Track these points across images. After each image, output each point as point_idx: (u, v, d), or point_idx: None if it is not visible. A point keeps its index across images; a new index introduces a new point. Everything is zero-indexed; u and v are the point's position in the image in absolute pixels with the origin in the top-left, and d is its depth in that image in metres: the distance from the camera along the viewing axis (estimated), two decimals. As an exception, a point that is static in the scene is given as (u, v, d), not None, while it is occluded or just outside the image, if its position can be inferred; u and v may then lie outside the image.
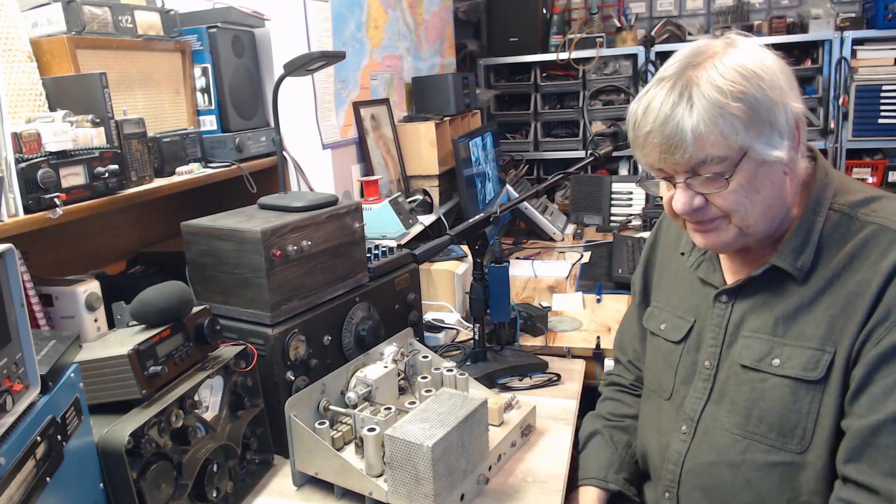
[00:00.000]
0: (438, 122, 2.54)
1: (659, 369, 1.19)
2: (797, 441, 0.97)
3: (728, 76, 0.92)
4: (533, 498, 1.14)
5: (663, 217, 1.28)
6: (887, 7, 3.03)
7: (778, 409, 0.98)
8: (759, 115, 0.92)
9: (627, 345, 1.37)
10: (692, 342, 1.13)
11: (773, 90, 0.93)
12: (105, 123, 1.30)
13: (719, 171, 0.95)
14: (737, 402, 1.03)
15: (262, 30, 1.87)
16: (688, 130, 0.93)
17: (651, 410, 1.20)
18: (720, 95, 0.91)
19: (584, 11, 3.77)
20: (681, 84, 0.94)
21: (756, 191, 0.96)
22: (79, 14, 1.34)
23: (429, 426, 1.04)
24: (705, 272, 1.13)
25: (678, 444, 1.09)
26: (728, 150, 0.93)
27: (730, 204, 0.98)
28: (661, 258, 1.27)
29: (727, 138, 0.93)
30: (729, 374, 1.05)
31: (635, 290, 1.33)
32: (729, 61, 0.94)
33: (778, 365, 0.99)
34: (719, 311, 1.09)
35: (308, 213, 1.32)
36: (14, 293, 0.76)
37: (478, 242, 1.52)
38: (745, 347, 1.03)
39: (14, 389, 0.75)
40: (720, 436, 1.04)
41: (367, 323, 1.42)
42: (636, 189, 3.09)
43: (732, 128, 0.92)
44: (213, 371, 1.11)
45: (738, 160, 0.94)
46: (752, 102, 0.92)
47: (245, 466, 1.19)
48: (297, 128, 1.94)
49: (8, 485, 0.72)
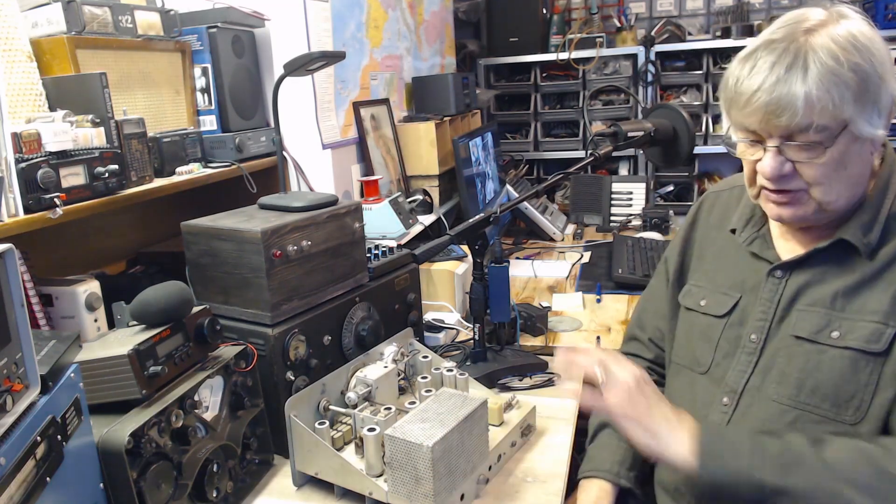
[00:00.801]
0: (438, 122, 2.54)
1: (695, 344, 1.18)
2: (852, 412, 0.98)
3: (844, 46, 0.93)
4: (533, 498, 1.14)
5: (704, 198, 1.30)
6: (887, 7, 3.03)
7: (835, 380, 0.99)
8: (868, 90, 0.94)
9: (648, 322, 1.36)
10: (736, 317, 1.13)
11: (883, 67, 0.94)
12: (105, 123, 1.30)
13: (817, 140, 0.95)
14: (788, 373, 1.03)
15: (262, 30, 1.87)
16: (800, 95, 0.92)
17: (682, 385, 1.19)
18: (836, 64, 0.92)
19: (584, 11, 3.77)
20: (794, 47, 0.94)
21: (844, 166, 0.97)
22: (79, 14, 1.34)
23: (429, 426, 1.04)
24: (759, 248, 1.14)
25: (718, 415, 1.09)
26: (832, 120, 0.94)
27: (818, 175, 0.98)
28: (702, 238, 1.26)
29: (836, 108, 0.92)
30: (779, 347, 1.06)
31: (669, 269, 1.31)
32: (843, 31, 0.94)
33: (837, 337, 1.00)
34: (772, 286, 1.09)
35: (308, 213, 1.32)
36: (14, 293, 0.76)
37: (478, 242, 1.52)
38: (801, 320, 1.04)
39: (14, 389, 0.75)
40: (766, 406, 1.04)
41: (367, 323, 1.42)
42: (636, 189, 3.09)
43: (843, 98, 0.92)
44: (213, 371, 1.11)
45: (839, 132, 0.94)
46: (863, 75, 0.93)
47: (245, 466, 1.19)
48: (297, 128, 1.94)
49: (8, 485, 0.72)
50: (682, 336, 1.23)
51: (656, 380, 1.31)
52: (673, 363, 1.24)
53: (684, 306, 1.23)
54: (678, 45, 3.36)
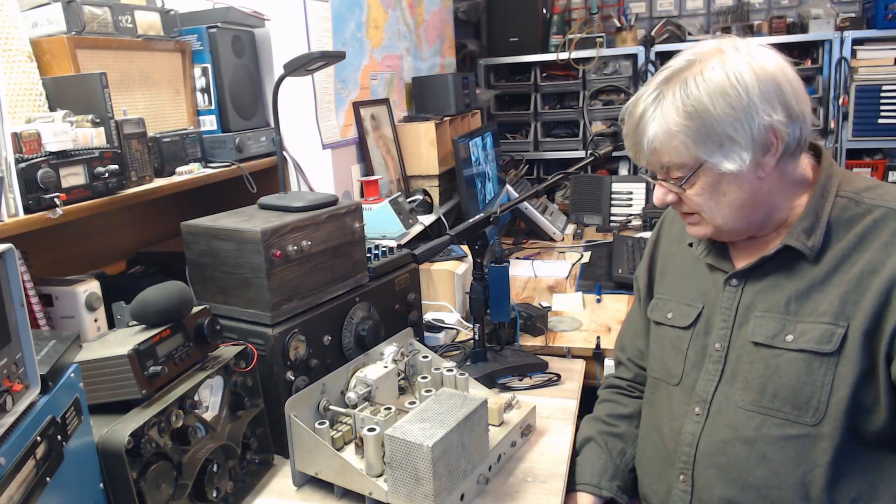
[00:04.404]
0: (438, 122, 2.54)
1: (666, 357, 1.20)
2: (812, 413, 0.99)
3: (692, 94, 1.00)
4: (533, 498, 1.14)
5: (665, 215, 1.34)
6: (887, 7, 3.03)
7: (792, 383, 1.01)
8: (714, 132, 0.99)
9: (628, 343, 1.39)
10: (701, 327, 1.15)
11: (738, 107, 0.98)
12: (105, 123, 1.30)
13: (680, 176, 1.05)
14: (750, 379, 1.06)
15: (262, 30, 1.87)
16: (644, 145, 1.05)
17: (660, 399, 1.21)
18: (675, 114, 1.00)
19: (584, 11, 3.77)
20: (657, 94, 1.03)
21: (722, 194, 1.05)
22: (79, 14, 1.34)
23: (429, 426, 1.04)
24: (714, 259, 1.17)
25: (692, 425, 1.11)
26: (686, 159, 1.02)
27: (694, 205, 1.08)
28: (664, 253, 1.30)
29: (680, 152, 1.02)
30: (741, 354, 1.08)
31: (639, 287, 1.35)
32: (701, 77, 1.00)
33: (791, 340, 1.02)
34: (729, 295, 1.12)
35: (308, 213, 1.32)
36: (14, 293, 0.76)
37: (478, 242, 1.52)
38: (758, 326, 1.06)
39: (14, 389, 0.75)
40: (734, 413, 1.06)
41: (367, 323, 1.42)
42: (636, 189, 3.09)
43: (683, 144, 1.01)
44: (213, 371, 1.11)
45: (696, 168, 1.03)
46: (705, 120, 0.99)
47: (245, 466, 1.19)
48: (297, 128, 1.94)
49: (8, 485, 0.72)
50: (655, 350, 1.26)
51: (637, 396, 1.36)
52: (650, 377, 1.26)
53: (653, 320, 1.26)
54: (678, 45, 3.36)
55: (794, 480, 0.99)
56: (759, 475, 1.02)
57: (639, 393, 1.35)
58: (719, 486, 1.06)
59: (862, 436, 0.98)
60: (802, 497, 0.99)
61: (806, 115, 1.02)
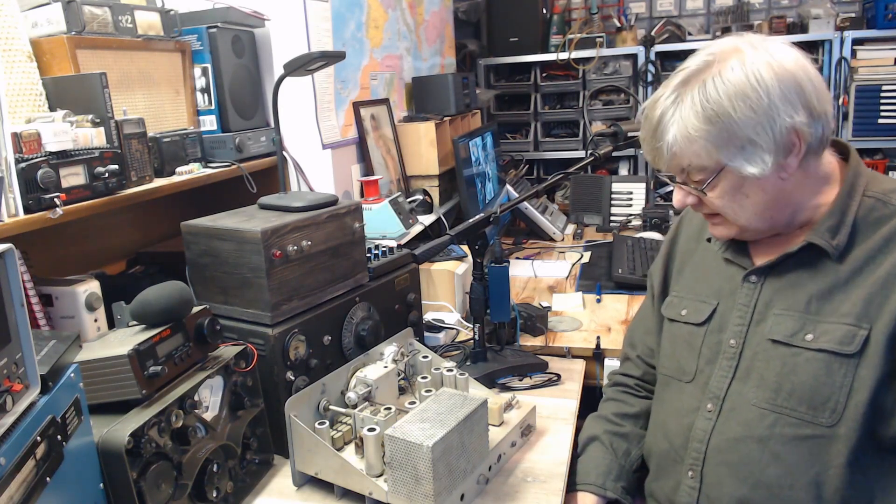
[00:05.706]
0: (438, 122, 2.54)
1: (679, 354, 1.20)
2: (828, 414, 0.98)
3: (712, 97, 0.98)
4: (533, 498, 1.14)
5: (685, 213, 1.32)
6: (887, 7, 3.03)
7: (810, 383, 1.00)
8: (736, 136, 0.98)
9: (638, 340, 1.38)
10: (715, 323, 1.15)
11: (759, 110, 0.96)
12: (105, 123, 1.30)
13: (702, 179, 1.03)
14: (765, 377, 1.04)
15: (262, 30, 1.87)
16: (664, 150, 1.03)
17: (670, 396, 1.20)
18: (695, 118, 0.98)
19: (584, 11, 3.77)
20: (675, 97, 1.01)
21: (745, 195, 1.03)
22: (79, 14, 1.34)
23: (429, 426, 1.04)
24: (733, 254, 1.16)
25: (703, 422, 1.10)
26: (707, 162, 1.01)
27: (716, 206, 1.06)
28: (682, 251, 1.29)
29: (700, 156, 1.00)
30: (757, 351, 1.07)
31: (653, 284, 1.33)
32: (720, 79, 0.98)
33: (811, 339, 1.01)
34: (748, 291, 1.11)
35: (308, 213, 1.32)
36: (14, 293, 0.76)
37: (478, 242, 1.52)
38: (777, 324, 1.05)
39: (14, 389, 0.75)
40: (747, 411, 1.05)
41: (367, 323, 1.42)
42: (636, 189, 3.09)
43: (704, 148, 1.00)
44: (213, 371, 1.11)
45: (718, 171, 1.01)
46: (726, 124, 0.97)
47: (245, 466, 1.19)
48: (297, 128, 1.94)
49: (8, 485, 0.72)
50: (667, 347, 1.25)
51: (644, 396, 1.34)
52: (661, 375, 1.26)
53: (667, 317, 1.25)
54: (678, 45, 3.36)
55: (807, 480, 0.99)
56: (772, 474, 1.01)
57: (646, 392, 1.35)
58: (729, 483, 1.05)
59: (879, 438, 0.97)
60: (815, 498, 0.98)
61: (828, 112, 1.00)
